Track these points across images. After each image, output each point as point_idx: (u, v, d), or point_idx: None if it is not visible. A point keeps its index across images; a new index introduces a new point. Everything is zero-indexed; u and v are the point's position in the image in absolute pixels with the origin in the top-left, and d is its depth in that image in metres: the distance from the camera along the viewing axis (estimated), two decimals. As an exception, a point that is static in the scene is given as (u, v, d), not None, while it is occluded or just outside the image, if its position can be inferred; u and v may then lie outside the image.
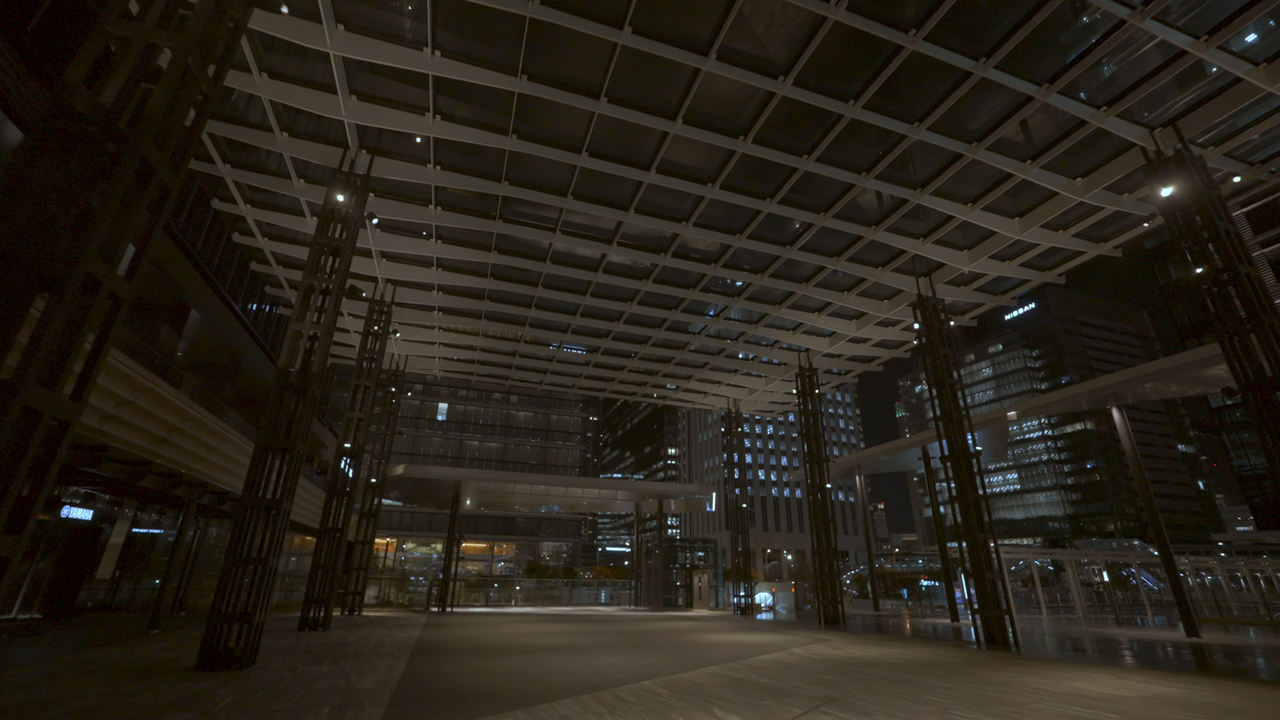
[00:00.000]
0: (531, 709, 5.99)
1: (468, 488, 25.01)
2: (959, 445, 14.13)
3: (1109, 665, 9.75)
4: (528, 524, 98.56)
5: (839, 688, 7.32)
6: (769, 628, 17.08)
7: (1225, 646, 13.49)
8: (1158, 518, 16.06)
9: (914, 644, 12.88)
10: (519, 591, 35.16)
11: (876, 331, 19.84)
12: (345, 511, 14.85)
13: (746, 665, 9.20)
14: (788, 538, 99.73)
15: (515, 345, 22.25)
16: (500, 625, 17.01)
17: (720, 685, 7.42)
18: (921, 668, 9.14)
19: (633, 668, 8.84)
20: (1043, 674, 8.63)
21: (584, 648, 11.42)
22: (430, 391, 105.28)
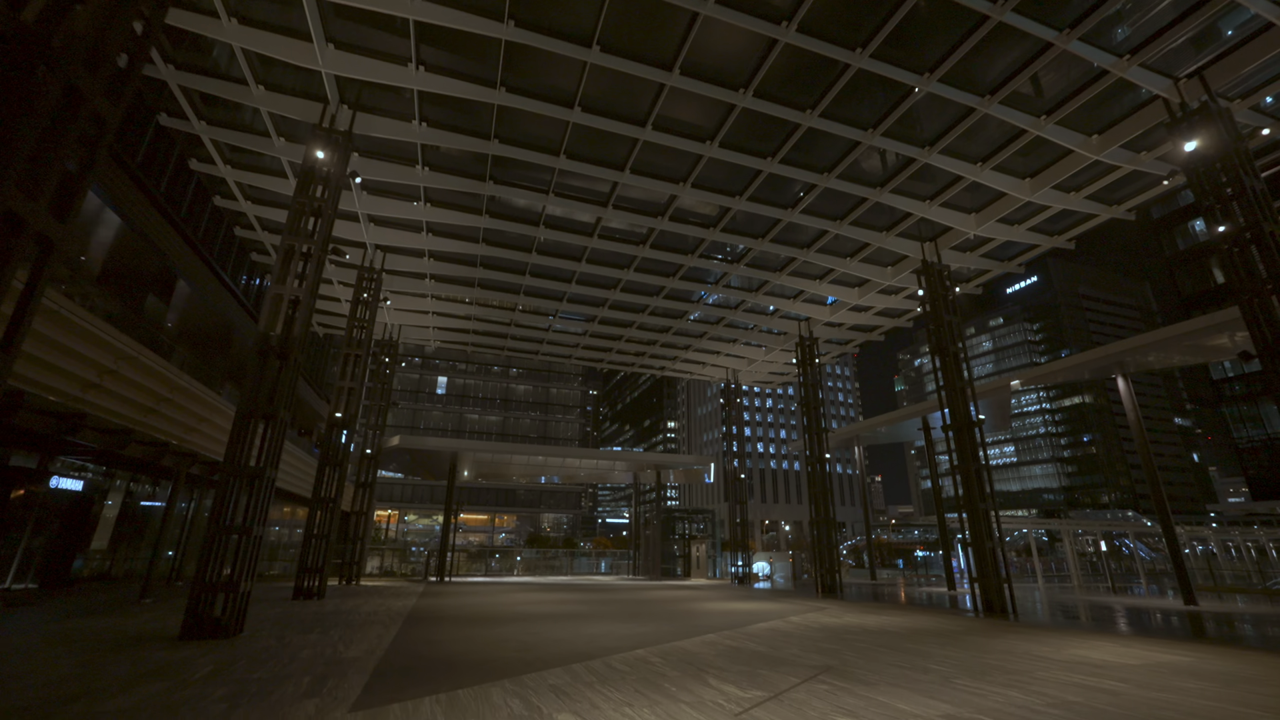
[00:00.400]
0: (519, 678, 5.79)
1: (464, 459, 24.89)
2: (961, 414, 13.84)
3: (1110, 633, 9.62)
4: (528, 496, 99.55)
5: (837, 656, 7.15)
6: (766, 596, 17.08)
7: (1224, 614, 13.44)
8: (1160, 488, 15.89)
9: (911, 612, 12.81)
10: (519, 562, 35.50)
11: (879, 300, 19.40)
12: (339, 481, 14.65)
13: (743, 634, 9.06)
14: (786, 509, 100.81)
15: (510, 315, 21.82)
16: (497, 594, 17.00)
17: (716, 654, 7.24)
18: (920, 635, 9.00)
19: (627, 636, 8.69)
20: (1043, 642, 8.48)
21: (579, 616, 11.31)
22: (429, 365, 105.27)
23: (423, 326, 23.21)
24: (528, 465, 27.66)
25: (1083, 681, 5.86)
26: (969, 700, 5.05)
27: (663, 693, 5.26)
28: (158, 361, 13.71)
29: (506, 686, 5.45)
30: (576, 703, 4.90)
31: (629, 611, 12.30)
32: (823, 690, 5.38)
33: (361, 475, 20.68)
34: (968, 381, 14.16)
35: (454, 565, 31.47)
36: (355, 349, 15.74)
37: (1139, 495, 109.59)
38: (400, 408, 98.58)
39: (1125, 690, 5.50)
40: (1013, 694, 5.31)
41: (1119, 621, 11.47)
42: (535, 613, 11.86)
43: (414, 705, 4.79)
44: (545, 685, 5.53)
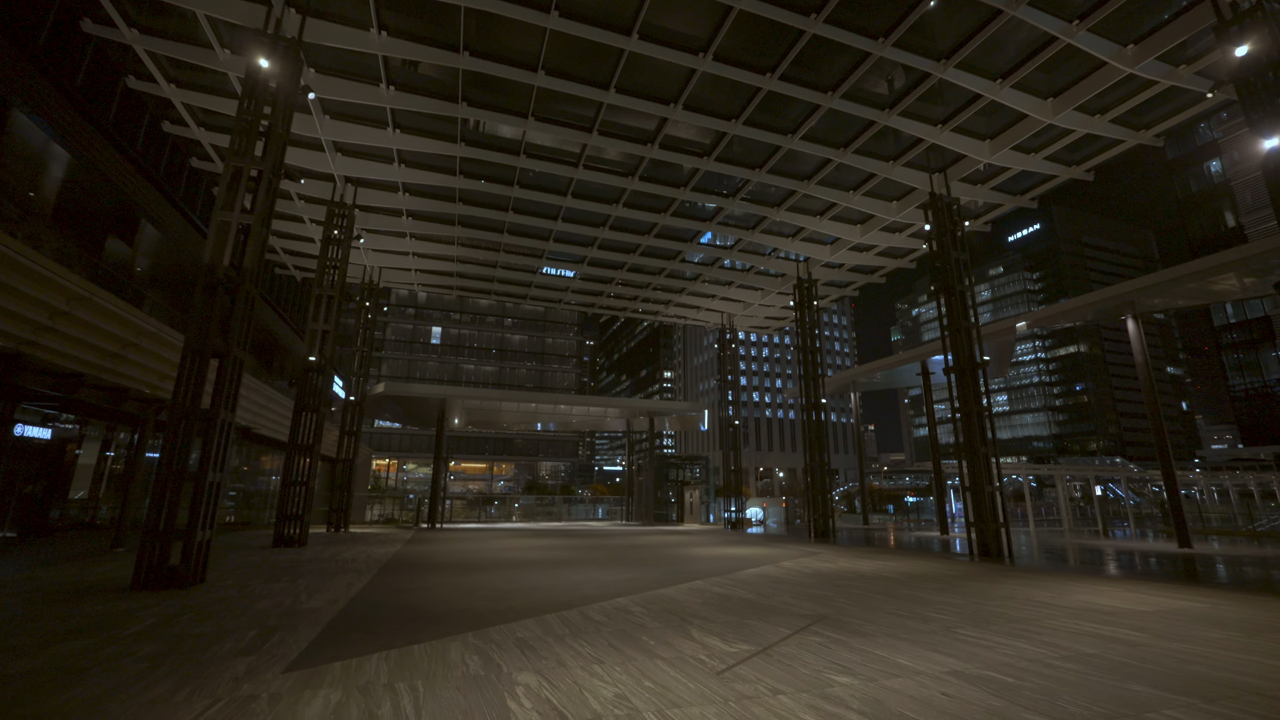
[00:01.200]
0: (485, 631, 5.31)
1: (453, 406, 24.40)
2: (965, 355, 13.20)
3: (1111, 577, 9.30)
4: (526, 445, 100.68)
5: (831, 604, 6.73)
6: (758, 541, 16.94)
7: (1221, 556, 13.28)
8: (1164, 434, 15.50)
9: (906, 556, 12.56)
10: (517, 509, 35.79)
11: (882, 238, 18.43)
12: (316, 427, 14.09)
13: (732, 580, 8.68)
14: (780, 457, 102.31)
15: (495, 256, 20.80)
16: (487, 540, 16.81)
17: (702, 602, 6.82)
18: (917, 581, 8.64)
19: (611, 583, 8.30)
20: (1045, 587, 8.12)
21: (566, 562, 10.98)
22: (423, 315, 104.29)
23: (404, 269, 22.19)
24: (519, 412, 27.24)
25: (1095, 630, 5.42)
26: (975, 653, 4.58)
27: (639, 647, 4.78)
28: (116, 303, 12.86)
29: (469, 640, 4.96)
30: (542, 659, 4.41)
31: (617, 557, 12.00)
32: (815, 643, 4.91)
33: (348, 422, 20.19)
34: (973, 322, 13.45)
35: (449, 513, 31.61)
36: (328, 290, 14.86)
37: (1126, 442, 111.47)
38: (395, 358, 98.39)
39: (1143, 641, 5.05)
40: (1022, 645, 4.85)
41: (1117, 565, 11.22)
42: (520, 559, 11.54)
43: (359, 663, 4.28)
44: (512, 639, 5.05)
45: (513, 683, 3.87)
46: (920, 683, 3.85)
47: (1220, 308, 44.41)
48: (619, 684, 3.83)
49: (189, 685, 3.77)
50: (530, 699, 3.54)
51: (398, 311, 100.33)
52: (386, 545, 14.48)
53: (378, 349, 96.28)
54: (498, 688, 3.76)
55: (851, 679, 3.93)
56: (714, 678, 3.96)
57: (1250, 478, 38.19)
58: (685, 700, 3.52)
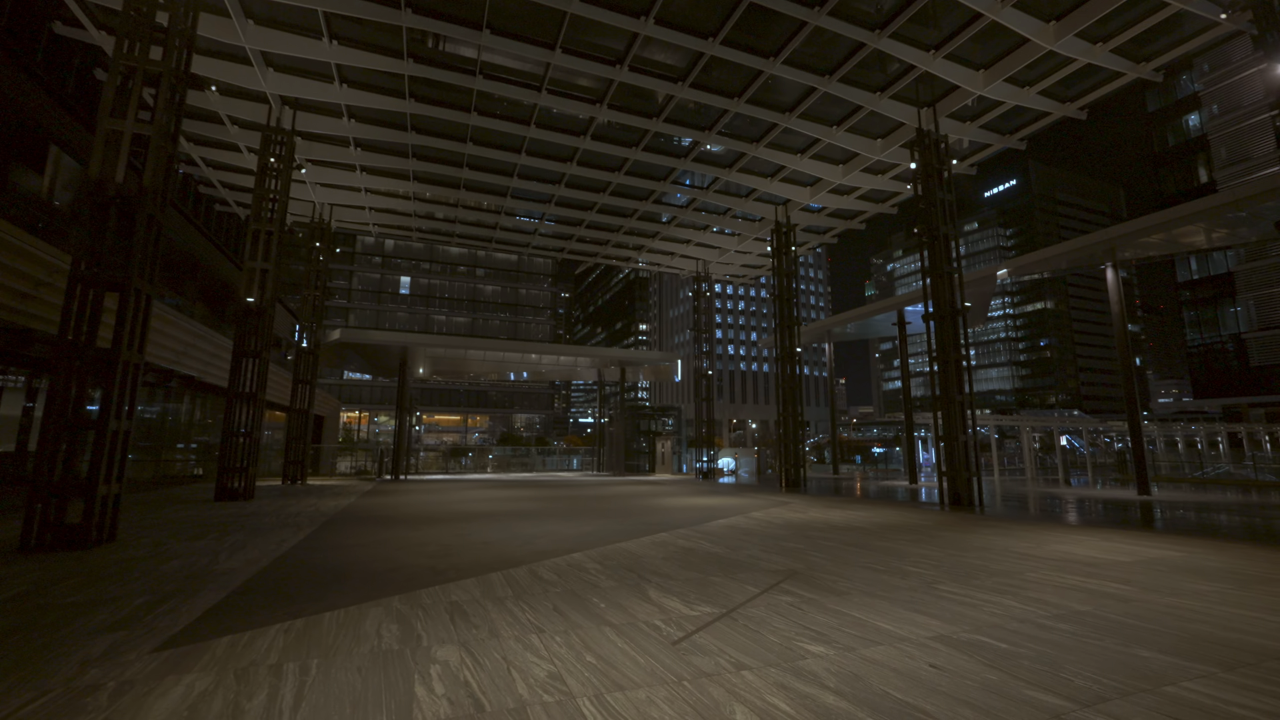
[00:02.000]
0: (416, 594, 4.68)
1: (416, 354, 23.32)
2: (946, 301, 12.71)
3: (1082, 525, 9.15)
4: (500, 397, 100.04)
5: (802, 558, 6.29)
6: (729, 491, 16.73)
7: (1178, 503, 13.45)
8: (1133, 386, 15.48)
9: (877, 506, 12.38)
10: (491, 460, 35.37)
11: (864, 180, 17.59)
12: (259, 374, 13.04)
13: (699, 532, 8.23)
14: (754, 409, 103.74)
15: (456, 195, 19.36)
16: (451, 491, 16.23)
17: (664, 557, 6.31)
18: (890, 531, 8.32)
19: (569, 536, 7.76)
20: (1021, 537, 7.86)
21: (526, 514, 10.45)
22: (391, 264, 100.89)
23: (357, 208, 20.61)
24: (486, 361, 26.28)
25: (1080, 584, 5.05)
26: (961, 614, 4.13)
27: (588, 611, 4.20)
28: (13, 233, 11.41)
29: (394, 606, 4.33)
30: (473, 628, 3.79)
31: (582, 508, 11.53)
32: (786, 604, 4.40)
33: (303, 371, 19.07)
34: (956, 267, 12.91)
35: (420, 465, 30.97)
36: (265, 225, 13.50)
37: (1083, 396, 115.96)
38: (363, 309, 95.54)
39: (1134, 595, 4.69)
40: (1009, 603, 4.42)
41: (1086, 513, 11.17)
42: (479, 511, 10.97)
43: (252, 638, 3.60)
44: (445, 603, 4.43)
45: (429, 659, 3.24)
46: (904, 651, 3.35)
47: (1185, 264, 45.13)
48: (556, 659, 3.24)
49: (19, 672, 3.04)
50: (444, 682, 2.92)
51: (364, 260, 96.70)
52: (341, 497, 13.78)
53: (344, 299, 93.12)
54: (409, 667, 3.13)
55: (826, 648, 3.41)
56: (669, 649, 3.40)
57: (1200, 429, 39.82)
58: (631, 680, 2.94)
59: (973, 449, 12.14)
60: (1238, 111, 41.29)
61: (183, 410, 20.10)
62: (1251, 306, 40.13)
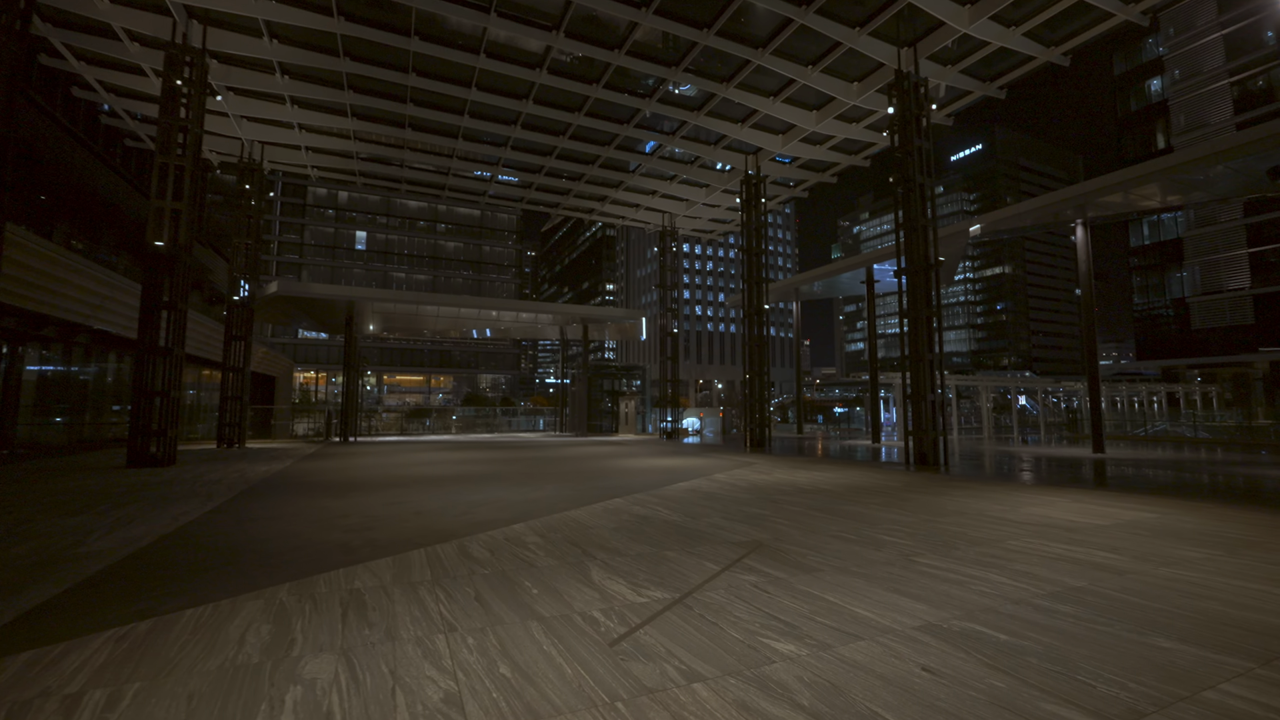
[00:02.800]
0: (311, 580, 3.90)
1: (364, 310, 21.82)
2: (919, 256, 12.19)
3: (1051, 485, 8.94)
4: (465, 357, 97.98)
5: (768, 526, 5.74)
6: (692, 451, 16.31)
7: (1135, 460, 13.62)
8: (1094, 345, 15.47)
9: (843, 466, 12.08)
10: (455, 421, 34.38)
11: (838, 128, 16.73)
12: (174, 328, 11.69)
13: (657, 497, 7.64)
14: (719, 369, 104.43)
15: (400, 134, 17.70)
16: (400, 454, 15.33)
17: (615, 527, 5.67)
18: (859, 494, 7.90)
19: (515, 504, 7.06)
20: (992, 498, 7.53)
21: (475, 478, 9.70)
22: (345, 217, 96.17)
23: (291, 147, 18.71)
24: (440, 318, 24.89)
25: (1067, 553, 4.63)
26: (948, 594, 3.60)
27: (515, 600, 3.51)
28: None
29: (280, 598, 3.55)
30: (366, 627, 3.06)
31: (536, 471, 10.84)
32: (749, 585, 3.80)
33: (236, 326, 17.55)
34: (930, 220, 12.35)
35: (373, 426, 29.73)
36: (175, 159, 11.86)
37: (1034, 359, 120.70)
38: (316, 264, 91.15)
39: (1126, 566, 4.27)
40: (998, 579, 3.93)
41: (1049, 471, 11.08)
42: (424, 475, 10.17)
43: (65, 650, 2.78)
44: (343, 592, 3.67)
45: (293, 678, 2.49)
46: (890, 649, 2.77)
47: (1138, 230, 46.20)
48: (461, 672, 2.53)
49: None
50: (297, 715, 2.18)
51: (316, 213, 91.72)
52: (276, 462, 12.74)
53: (296, 253, 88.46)
54: (261, 691, 2.37)
55: (798, 646, 2.80)
56: (605, 653, 2.73)
57: (1143, 388, 41.60)
58: (551, 704, 2.26)
59: (940, 409, 11.86)
60: (1198, 77, 41.62)
61: (109, 369, 18.38)
62: (1197, 272, 41.50)
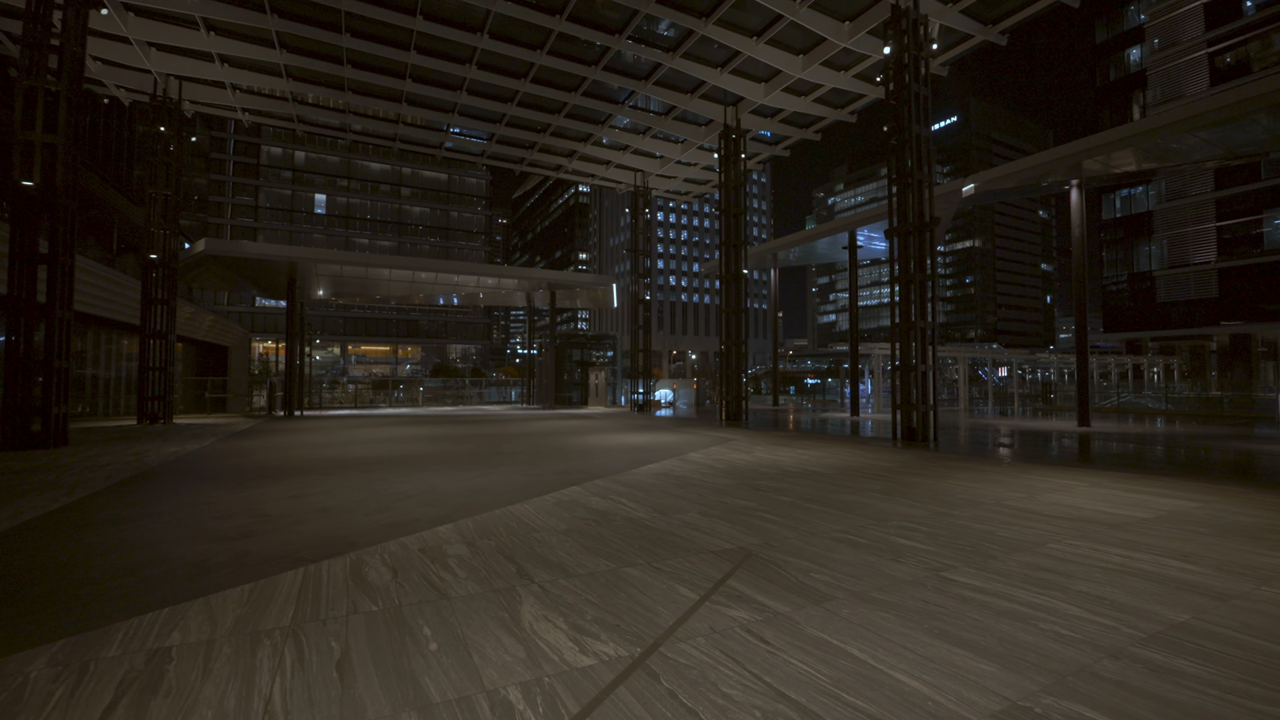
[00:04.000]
0: (104, 630, 2.66)
1: (309, 272, 19.87)
2: (914, 214, 11.13)
3: (1062, 466, 8.13)
4: (433, 326, 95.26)
5: (755, 525, 4.68)
6: (665, 426, 15.29)
7: (1123, 435, 13.09)
8: (1084, 317, 14.82)
9: (827, 443, 11.17)
10: (422, 393, 32.88)
11: (826, 75, 15.41)
12: (62, 286, 9.95)
13: (622, 484, 6.53)
14: (694, 340, 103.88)
15: (339, 71, 15.70)
16: (344, 430, 13.92)
17: (566, 530, 4.53)
18: (853, 478, 6.92)
19: (449, 496, 5.87)
20: (1001, 482, 6.64)
21: (415, 460, 8.45)
22: (304, 179, 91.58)
23: (214, 84, 16.51)
24: (393, 281, 23.02)
25: (1130, 563, 3.67)
26: (1012, 639, 2.57)
27: (397, 668, 2.34)
28: None
29: (31, 671, 2.31)
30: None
31: (489, 450, 9.63)
32: (739, 630, 2.70)
33: (154, 288, 15.64)
34: (926, 175, 11.27)
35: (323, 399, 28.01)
36: (46, 83, 9.92)
37: (1000, 331, 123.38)
38: (272, 229, 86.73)
39: (1221, 585, 3.31)
40: (1066, 609, 2.93)
41: (1046, 447, 10.35)
42: (357, 458, 8.86)
43: None
44: (143, 653, 2.45)
45: None
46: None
47: (1110, 203, 46.29)
48: None
49: None
50: None
51: (271, 174, 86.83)
52: (195, 441, 11.24)
53: (250, 217, 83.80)
54: None
55: (829, 772, 1.71)
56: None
57: (1111, 360, 42.13)
58: None
59: (931, 381, 11.00)
60: (1176, 47, 41.20)
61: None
62: (1165, 245, 41.83)
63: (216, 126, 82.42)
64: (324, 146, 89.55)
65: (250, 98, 17.34)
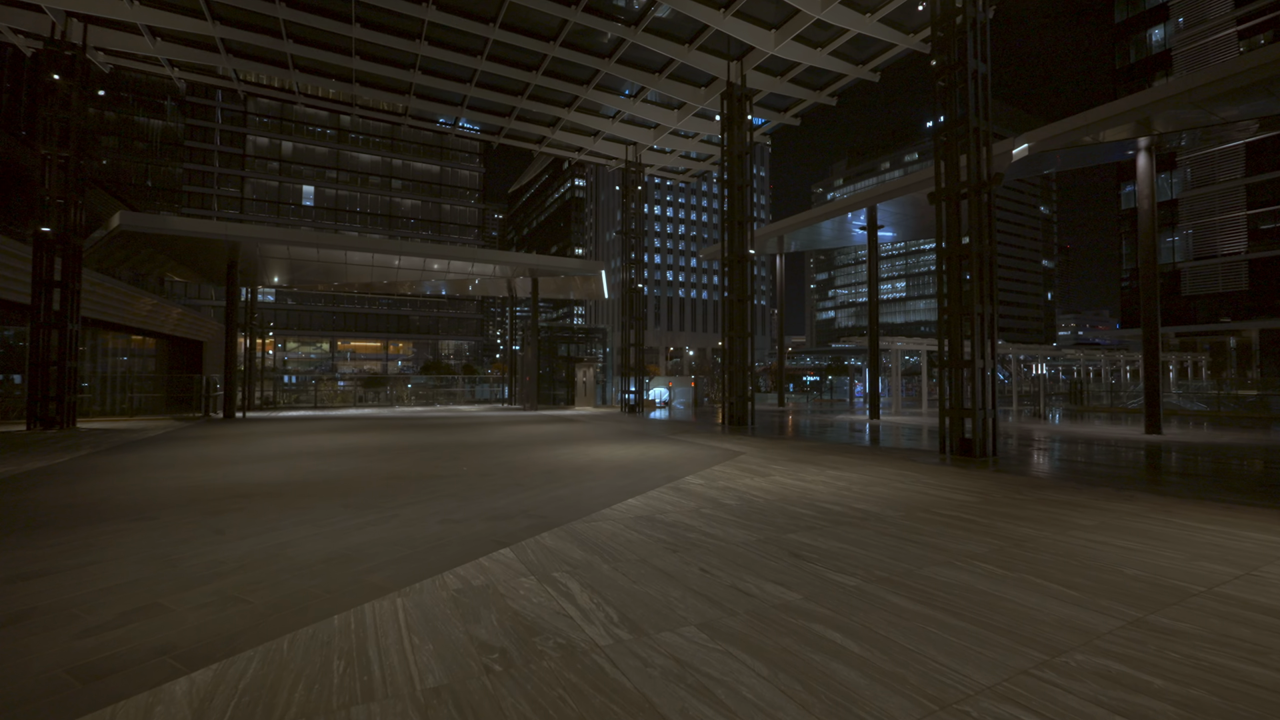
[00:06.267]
0: None
1: (254, 254, 17.27)
2: (970, 171, 8.82)
3: (1221, 504, 5.83)
4: (425, 321, 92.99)
5: (815, 669, 2.33)
6: (658, 431, 12.98)
7: (1218, 447, 10.85)
8: (1154, 304, 12.56)
9: (859, 457, 8.88)
10: (409, 390, 30.68)
11: (849, 18, 13.06)
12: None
13: (580, 542, 4.18)
14: (691, 336, 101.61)
15: (273, 9, 13.26)
16: (271, 439, 11.58)
17: (418, 708, 2.20)
18: (928, 524, 4.61)
19: (285, 573, 3.52)
20: (1161, 537, 4.34)
21: (309, 492, 6.12)
22: (291, 170, 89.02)
23: (127, 28, 14.05)
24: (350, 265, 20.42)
25: None
26: None
27: None
28: None
29: None
30: None
31: (420, 471, 7.31)
32: None
33: (43, 268, 13.11)
34: (986, 125, 8.98)
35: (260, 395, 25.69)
36: None
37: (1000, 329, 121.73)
38: (260, 221, 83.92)
39: None
40: None
41: (1159, 469, 8.08)
42: (243, 484, 6.52)
43: None
44: None
45: None
46: None
47: (1130, 193, 44.05)
48: None
49: None
50: None
51: (258, 164, 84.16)
52: (48, 457, 8.88)
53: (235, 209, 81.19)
54: None
55: None
56: None
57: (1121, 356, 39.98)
58: None
59: (992, 382, 8.70)
60: (1203, 25, 38.96)
61: None
62: (1189, 236, 39.66)
63: (199, 113, 79.66)
64: (312, 137, 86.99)
65: (175, 48, 14.89)
